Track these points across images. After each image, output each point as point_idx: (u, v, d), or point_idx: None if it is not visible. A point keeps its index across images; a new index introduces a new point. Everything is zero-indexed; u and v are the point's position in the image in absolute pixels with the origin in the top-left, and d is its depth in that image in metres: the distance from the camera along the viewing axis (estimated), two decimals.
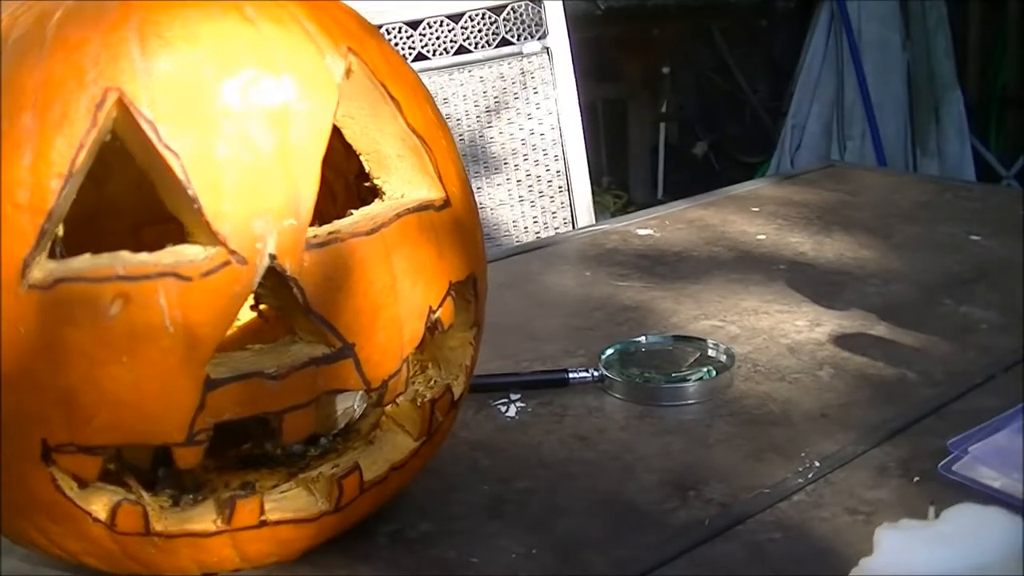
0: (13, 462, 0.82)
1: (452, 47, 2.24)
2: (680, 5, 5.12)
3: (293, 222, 0.81)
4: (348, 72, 0.88)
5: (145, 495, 0.89)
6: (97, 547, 0.87)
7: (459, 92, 2.24)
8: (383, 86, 0.90)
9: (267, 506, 0.89)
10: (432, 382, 0.99)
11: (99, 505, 0.86)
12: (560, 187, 2.30)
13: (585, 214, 2.31)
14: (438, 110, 0.98)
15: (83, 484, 0.85)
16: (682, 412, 1.20)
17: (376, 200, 0.91)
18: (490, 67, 2.27)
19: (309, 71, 0.85)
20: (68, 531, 0.86)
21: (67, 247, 0.83)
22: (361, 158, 0.92)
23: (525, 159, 2.29)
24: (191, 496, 0.92)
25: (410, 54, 2.18)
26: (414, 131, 0.92)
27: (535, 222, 2.28)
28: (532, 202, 2.28)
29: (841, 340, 1.35)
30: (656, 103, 5.27)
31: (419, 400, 0.97)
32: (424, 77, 1.79)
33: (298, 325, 0.86)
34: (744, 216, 1.86)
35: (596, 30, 4.70)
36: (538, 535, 0.99)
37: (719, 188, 2.07)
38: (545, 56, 2.30)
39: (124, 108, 0.79)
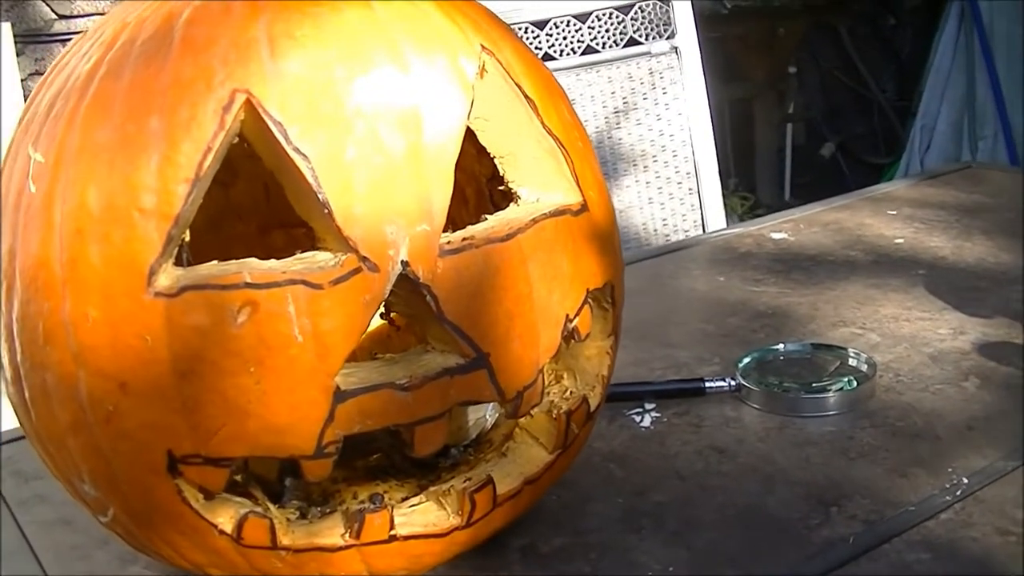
0: (139, 473, 0.80)
1: (579, 47, 2.22)
2: (805, 3, 5.05)
3: (426, 227, 0.79)
4: (482, 71, 0.85)
5: (272, 508, 0.87)
6: (223, 559, 0.85)
7: (587, 92, 2.22)
8: (518, 86, 0.88)
9: (397, 520, 0.86)
10: (568, 393, 0.96)
11: (225, 518, 0.84)
12: (690, 189, 2.27)
13: (715, 216, 2.28)
14: (574, 111, 0.96)
15: (209, 496, 0.83)
16: (823, 423, 1.16)
17: (511, 204, 0.89)
18: (618, 67, 2.25)
19: (442, 71, 0.82)
20: (193, 543, 0.84)
21: (193, 251, 0.81)
22: (495, 161, 0.89)
23: (654, 160, 2.26)
24: (319, 509, 0.90)
25: (537, 54, 2.16)
26: (550, 133, 0.89)
27: (664, 224, 2.25)
28: (662, 204, 2.25)
29: (986, 349, 1.31)
30: (782, 103, 5.21)
31: (554, 411, 0.94)
32: None
33: (430, 334, 0.83)
34: (881, 219, 1.81)
35: (721, 30, 4.65)
36: (675, 550, 0.96)
37: (847, 190, 2.02)
38: (674, 56, 2.27)
39: (252, 110, 0.77)
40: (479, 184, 1.01)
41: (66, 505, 1.03)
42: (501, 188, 0.90)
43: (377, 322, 1.09)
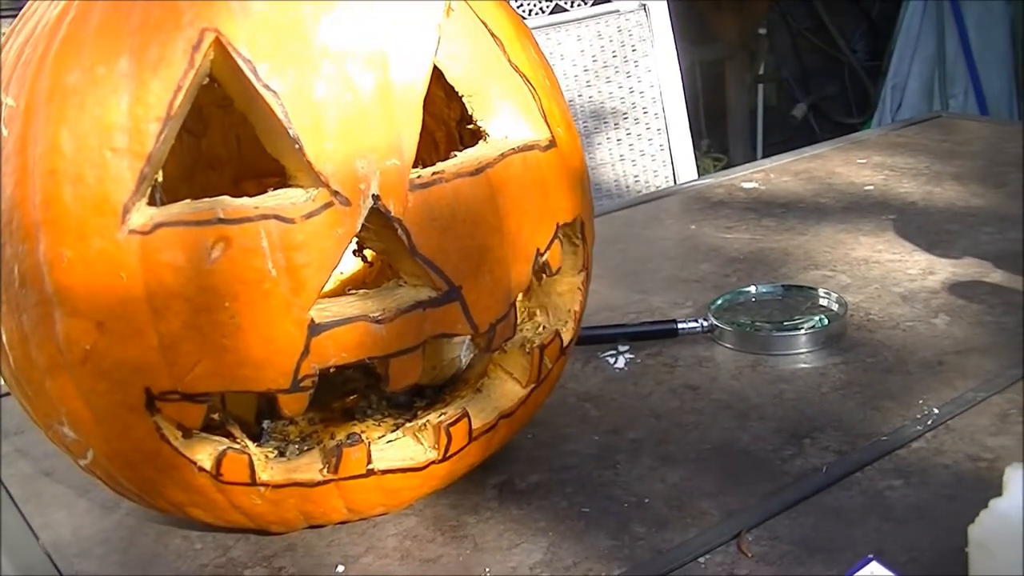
0: (117, 412, 0.80)
1: (548, 6, 2.22)
2: None
3: (396, 162, 0.79)
4: (448, 9, 0.85)
5: (251, 444, 0.88)
6: (202, 497, 0.86)
7: (556, 52, 2.22)
8: (484, 24, 0.88)
9: (374, 455, 0.87)
10: (540, 328, 0.97)
11: (204, 454, 0.84)
12: (661, 146, 2.27)
13: (687, 173, 2.29)
14: (541, 50, 0.96)
15: (187, 434, 0.83)
16: (795, 361, 1.17)
17: (480, 142, 0.89)
18: (587, 26, 2.25)
19: (408, 9, 0.82)
20: (173, 481, 0.85)
21: (167, 201, 0.81)
22: (463, 100, 0.90)
23: (625, 118, 2.26)
24: (297, 446, 0.90)
25: None
26: (517, 70, 0.90)
27: (636, 181, 2.26)
28: (633, 161, 2.26)
29: (955, 288, 1.32)
30: (753, 65, 5.21)
31: (528, 346, 0.94)
32: None
33: (403, 268, 0.84)
34: (851, 167, 1.82)
35: None
36: (650, 484, 0.97)
37: None
38: (642, 13, 2.27)
39: (222, 48, 0.77)
40: (449, 128, 1.02)
41: (47, 458, 1.04)
42: (470, 127, 0.91)
43: (353, 268, 1.09)
